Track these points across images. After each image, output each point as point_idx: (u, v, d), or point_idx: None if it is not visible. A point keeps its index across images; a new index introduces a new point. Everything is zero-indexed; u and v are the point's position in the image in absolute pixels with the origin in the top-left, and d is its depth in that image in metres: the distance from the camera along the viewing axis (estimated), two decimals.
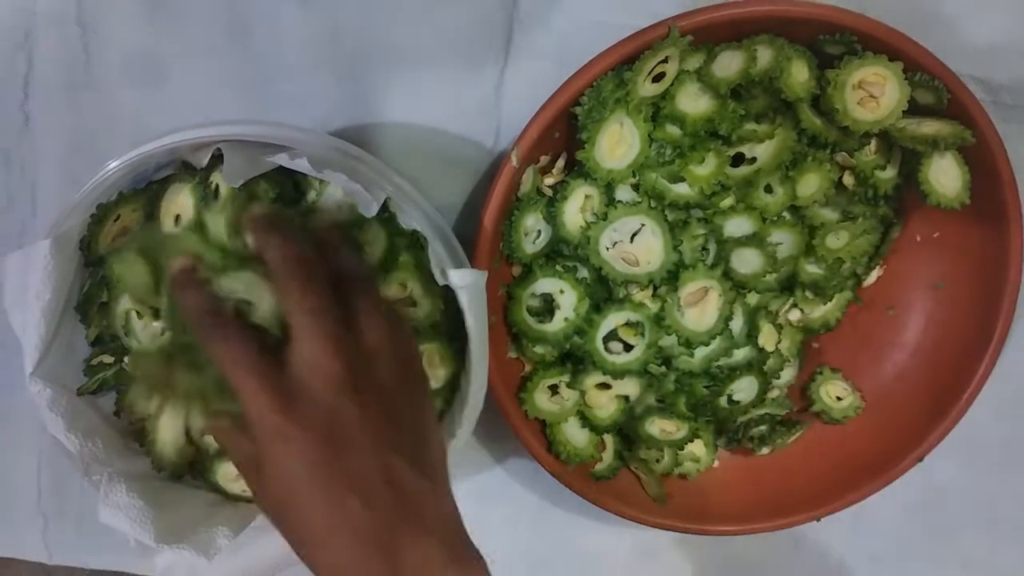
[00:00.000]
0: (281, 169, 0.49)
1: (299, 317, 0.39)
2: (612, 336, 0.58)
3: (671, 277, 0.56)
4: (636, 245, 0.55)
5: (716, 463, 0.65)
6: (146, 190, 0.53)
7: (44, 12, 0.58)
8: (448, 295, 0.51)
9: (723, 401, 0.61)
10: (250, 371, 0.38)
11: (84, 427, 0.52)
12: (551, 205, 0.57)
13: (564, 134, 0.56)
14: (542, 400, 0.60)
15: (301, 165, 0.46)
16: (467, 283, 0.49)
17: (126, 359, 0.54)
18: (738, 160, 0.57)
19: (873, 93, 0.53)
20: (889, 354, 0.63)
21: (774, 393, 0.64)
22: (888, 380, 0.63)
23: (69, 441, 0.50)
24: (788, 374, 0.64)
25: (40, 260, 0.48)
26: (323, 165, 0.48)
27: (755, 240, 0.57)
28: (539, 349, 0.60)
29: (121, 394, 0.55)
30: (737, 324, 0.59)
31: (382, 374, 0.40)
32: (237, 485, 0.55)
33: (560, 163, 0.58)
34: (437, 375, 0.54)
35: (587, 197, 0.56)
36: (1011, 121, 0.57)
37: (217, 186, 0.51)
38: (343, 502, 0.37)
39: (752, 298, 0.61)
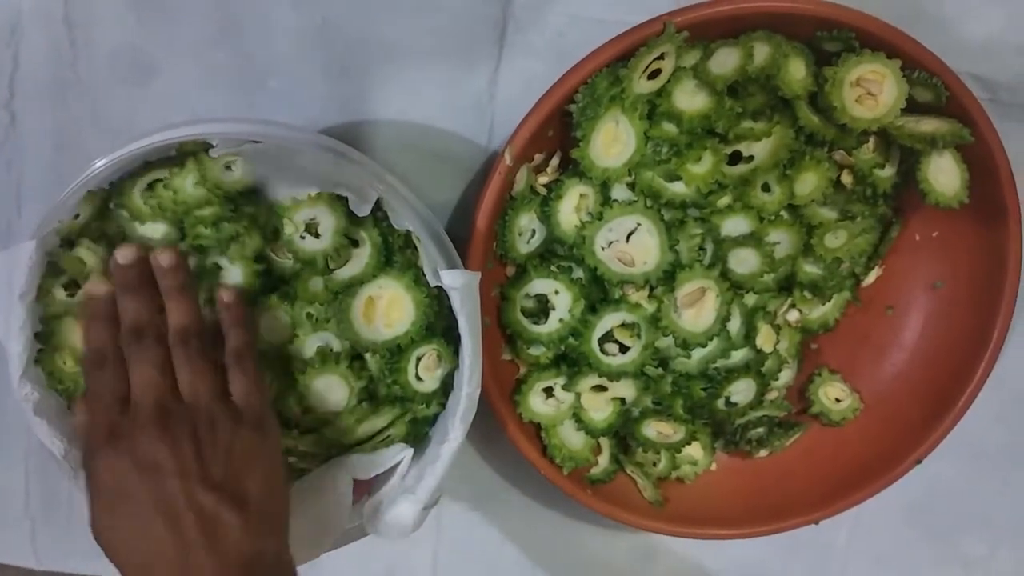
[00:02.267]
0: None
1: (130, 349, 0.46)
2: (608, 337, 0.57)
3: (668, 277, 0.56)
4: (632, 245, 0.55)
5: (714, 466, 0.64)
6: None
7: (30, 10, 0.58)
8: (443, 294, 0.50)
9: (721, 403, 0.61)
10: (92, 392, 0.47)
11: (71, 431, 0.51)
12: (545, 204, 0.56)
13: (558, 132, 0.55)
14: (537, 403, 0.59)
15: (282, 191, 0.46)
16: (459, 284, 0.48)
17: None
18: (735, 158, 0.56)
19: (871, 90, 0.53)
20: (888, 354, 0.63)
21: (772, 395, 0.64)
22: (887, 381, 0.63)
23: (54, 445, 0.49)
24: (786, 375, 0.64)
25: (24, 261, 0.47)
26: (312, 167, 0.48)
27: (753, 239, 0.57)
28: (534, 351, 0.59)
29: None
30: (735, 325, 0.59)
31: (204, 418, 0.45)
32: None
33: (554, 161, 0.57)
34: (435, 375, 0.53)
35: (582, 196, 0.55)
36: (1009, 119, 0.57)
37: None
38: (150, 521, 0.42)
39: (750, 298, 0.60)
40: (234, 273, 0.52)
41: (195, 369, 0.46)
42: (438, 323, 0.54)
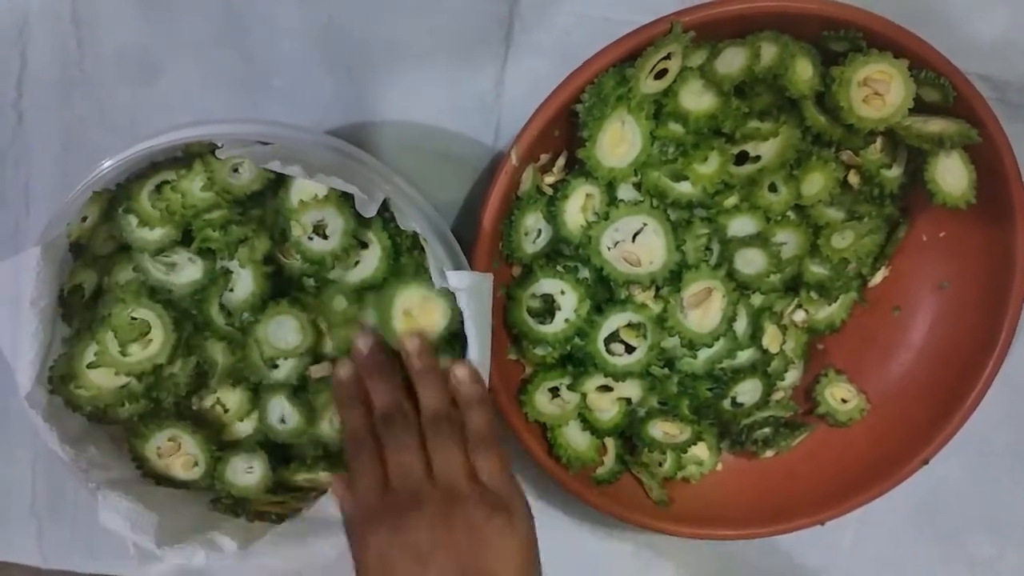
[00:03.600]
0: None
1: (384, 433, 0.47)
2: (614, 337, 0.57)
3: (674, 277, 0.56)
4: (638, 245, 0.55)
5: (719, 466, 0.64)
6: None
7: (38, 10, 0.58)
8: (450, 295, 0.50)
9: (727, 403, 0.60)
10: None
11: (78, 433, 0.51)
12: (551, 204, 0.56)
13: (564, 132, 0.55)
14: (543, 403, 0.59)
15: (294, 171, 0.45)
16: (465, 285, 0.48)
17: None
18: (742, 158, 0.56)
19: (878, 90, 0.53)
20: (895, 355, 0.63)
21: (778, 395, 0.64)
22: (893, 381, 0.63)
23: (64, 450, 0.49)
24: (792, 376, 0.64)
25: (32, 267, 0.47)
26: (320, 164, 0.47)
27: (759, 240, 0.57)
28: (539, 351, 0.59)
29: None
30: (741, 325, 0.59)
31: (459, 503, 0.45)
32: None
33: (560, 161, 0.57)
34: None
35: (588, 196, 0.55)
36: (1017, 120, 0.57)
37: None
38: None
39: (756, 299, 0.60)
40: (244, 277, 0.52)
41: (449, 454, 0.46)
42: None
